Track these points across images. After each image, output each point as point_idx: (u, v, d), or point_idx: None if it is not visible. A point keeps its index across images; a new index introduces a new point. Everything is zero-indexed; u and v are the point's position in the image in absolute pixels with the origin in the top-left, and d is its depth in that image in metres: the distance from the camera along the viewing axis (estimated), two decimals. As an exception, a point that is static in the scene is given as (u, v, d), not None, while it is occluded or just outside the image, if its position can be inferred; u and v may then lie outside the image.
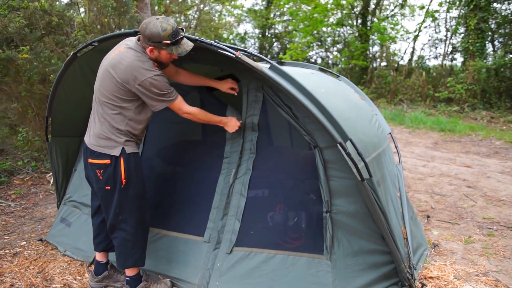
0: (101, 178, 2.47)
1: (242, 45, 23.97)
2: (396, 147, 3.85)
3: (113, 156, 2.44)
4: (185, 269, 2.84)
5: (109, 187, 2.48)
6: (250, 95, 2.92)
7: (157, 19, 2.36)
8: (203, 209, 3.00)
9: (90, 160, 2.50)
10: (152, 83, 2.36)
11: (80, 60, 3.07)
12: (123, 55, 2.40)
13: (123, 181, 2.46)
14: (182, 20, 15.40)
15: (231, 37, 23.65)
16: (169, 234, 3.04)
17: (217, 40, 2.54)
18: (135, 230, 2.57)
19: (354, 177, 2.47)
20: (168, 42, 2.36)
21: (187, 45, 2.46)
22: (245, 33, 24.16)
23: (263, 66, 2.62)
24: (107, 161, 2.44)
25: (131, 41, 2.50)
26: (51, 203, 4.70)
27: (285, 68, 2.80)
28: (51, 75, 5.70)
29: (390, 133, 3.75)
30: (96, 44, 2.91)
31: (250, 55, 2.86)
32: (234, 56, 2.42)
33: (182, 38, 2.44)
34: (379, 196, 2.59)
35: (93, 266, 3.02)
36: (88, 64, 3.20)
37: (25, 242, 3.65)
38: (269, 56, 22.11)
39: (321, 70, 4.33)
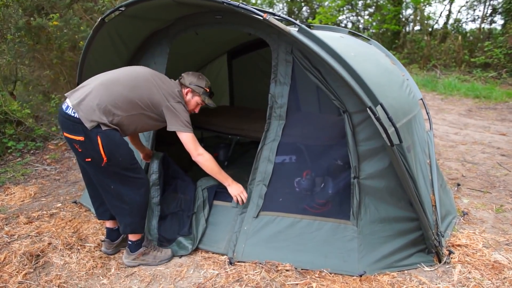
0: (80, 150, 2.43)
1: (270, 10, 23.40)
2: (427, 113, 3.73)
3: (87, 132, 2.35)
4: (214, 232, 2.91)
5: (89, 159, 2.43)
6: (280, 59, 2.87)
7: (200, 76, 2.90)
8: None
9: (66, 134, 2.44)
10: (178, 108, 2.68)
11: (108, 25, 3.04)
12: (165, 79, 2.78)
13: (104, 158, 2.38)
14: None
15: (259, 1, 23.05)
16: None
17: (244, 3, 2.48)
18: (130, 199, 2.55)
19: (383, 143, 2.42)
20: (207, 90, 2.89)
21: (213, 103, 2.97)
22: (273, -3, 23.52)
23: (291, 29, 2.56)
24: (81, 138, 2.37)
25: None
26: (84, 167, 4.86)
27: (314, 32, 2.72)
28: (81, 42, 5.76)
29: (421, 99, 3.63)
30: (123, 9, 2.88)
31: (278, 17, 2.79)
32: (261, 18, 2.37)
33: (213, 94, 2.99)
34: (409, 162, 2.55)
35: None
36: (116, 30, 3.17)
37: (60, 204, 3.82)
38: (298, 21, 21.46)
39: (351, 33, 4.20)
